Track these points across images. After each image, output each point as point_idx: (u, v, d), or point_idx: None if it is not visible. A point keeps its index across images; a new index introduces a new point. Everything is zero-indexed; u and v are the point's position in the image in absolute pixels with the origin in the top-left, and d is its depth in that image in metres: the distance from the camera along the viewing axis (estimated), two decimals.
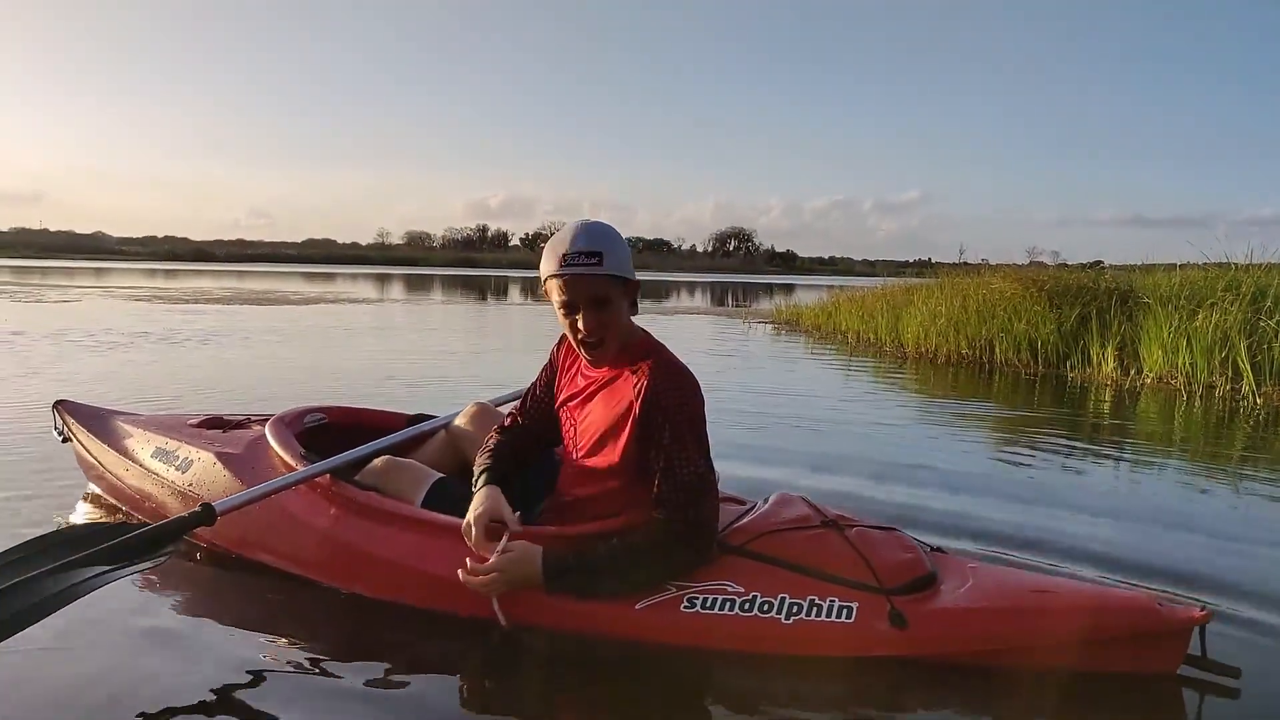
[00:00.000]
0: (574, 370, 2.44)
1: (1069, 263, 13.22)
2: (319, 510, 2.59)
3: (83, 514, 3.28)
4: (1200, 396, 7.62)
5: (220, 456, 2.92)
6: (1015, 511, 3.61)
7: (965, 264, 13.55)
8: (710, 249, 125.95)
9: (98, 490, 3.43)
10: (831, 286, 21.37)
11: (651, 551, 2.16)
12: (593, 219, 2.27)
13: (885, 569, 2.19)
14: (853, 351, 11.15)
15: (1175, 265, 10.47)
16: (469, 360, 9.26)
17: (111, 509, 3.28)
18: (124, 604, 2.44)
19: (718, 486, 2.27)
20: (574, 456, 2.37)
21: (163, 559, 2.26)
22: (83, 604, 2.08)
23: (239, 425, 3.24)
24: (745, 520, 2.34)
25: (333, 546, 2.52)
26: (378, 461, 2.68)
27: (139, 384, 6.65)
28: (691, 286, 45.03)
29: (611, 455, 2.25)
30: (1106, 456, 5.02)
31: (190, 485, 2.91)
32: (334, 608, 2.45)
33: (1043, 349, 9.49)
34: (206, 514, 2.34)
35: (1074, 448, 5.20)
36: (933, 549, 2.42)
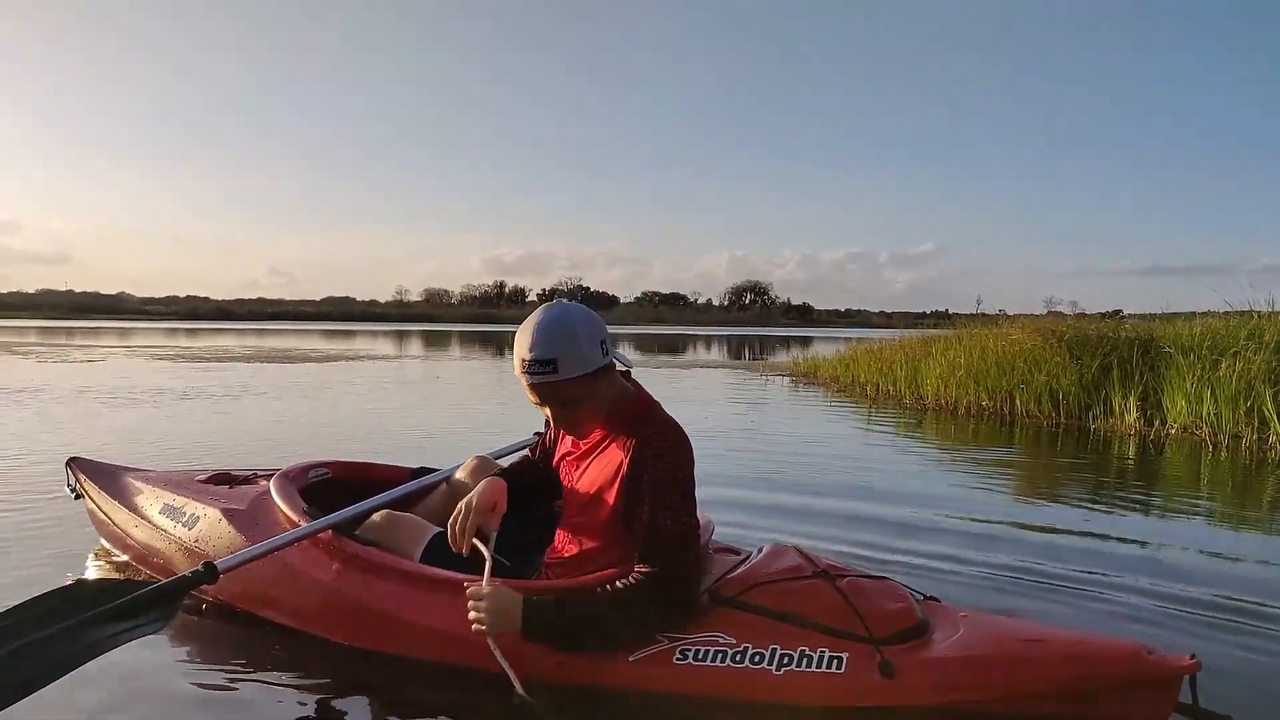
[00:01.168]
0: (577, 443, 2.44)
1: (1087, 312, 13.13)
2: (321, 565, 2.61)
3: (94, 570, 3.30)
4: (1226, 447, 7.51)
5: (226, 513, 2.95)
6: (1034, 563, 3.63)
7: (983, 315, 13.47)
8: (726, 302, 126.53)
9: (109, 546, 3.45)
10: (849, 339, 21.35)
11: (632, 605, 2.16)
12: (559, 304, 2.25)
13: (875, 619, 2.20)
14: (872, 404, 11.10)
15: (1195, 314, 10.39)
16: (482, 415, 9.26)
17: (121, 565, 3.31)
18: (125, 657, 2.42)
19: (699, 541, 2.28)
20: (570, 514, 2.40)
21: (167, 619, 2.25)
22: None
23: (246, 480, 3.28)
24: (738, 572, 2.35)
25: (334, 601, 2.54)
26: (377, 516, 2.71)
27: (156, 440, 6.71)
28: (708, 340, 45.09)
29: (603, 513, 2.27)
30: (1130, 507, 4.94)
31: (196, 542, 2.94)
32: (336, 661, 2.46)
33: (1064, 400, 9.39)
34: (209, 573, 2.37)
35: (1097, 499, 5.14)
36: (926, 598, 2.44)
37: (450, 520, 2.36)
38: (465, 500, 2.37)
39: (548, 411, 2.27)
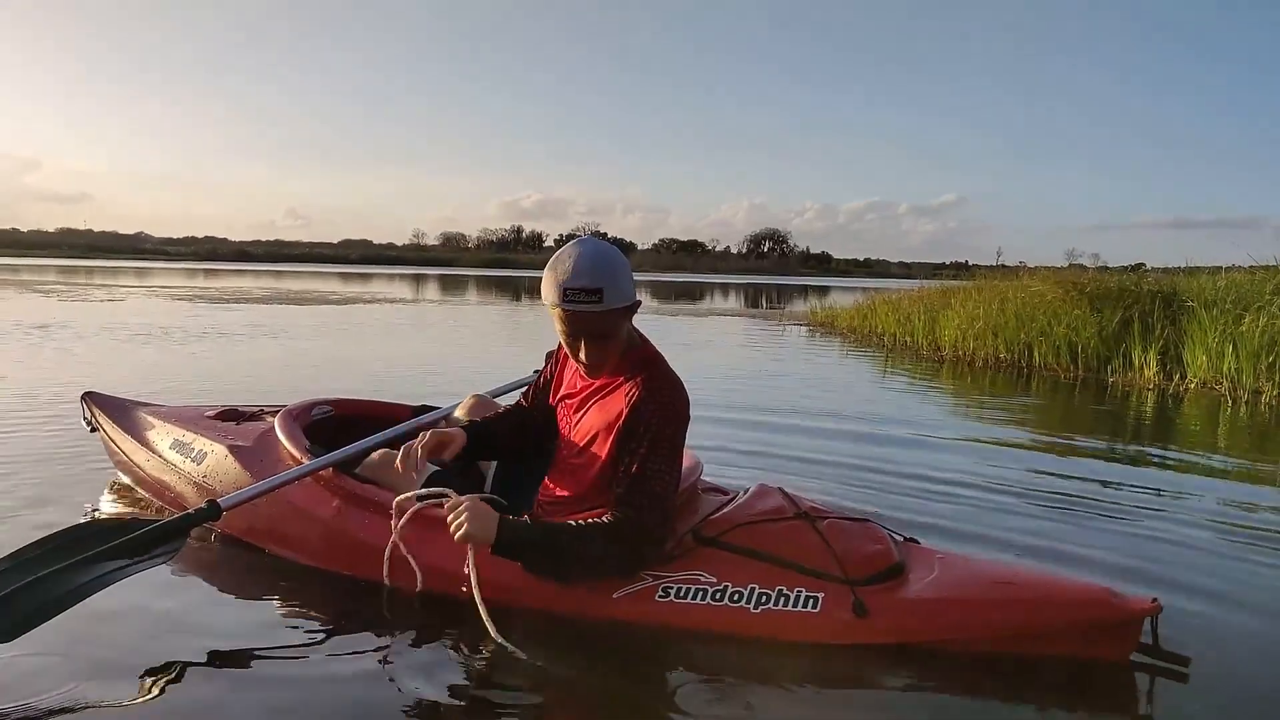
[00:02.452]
0: (574, 371, 2.48)
1: (1109, 265, 13.01)
2: (322, 502, 2.69)
3: (109, 502, 3.36)
4: (1246, 402, 7.45)
5: (232, 449, 3.03)
6: (1038, 513, 3.67)
7: (1003, 267, 13.39)
8: (744, 250, 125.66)
9: (123, 478, 3.52)
10: (867, 289, 21.24)
11: (595, 543, 2.22)
12: (594, 238, 2.30)
13: (852, 560, 2.26)
14: (889, 354, 11.06)
15: (1220, 268, 10.26)
16: (492, 356, 9.30)
17: (135, 498, 3.38)
18: (133, 590, 2.49)
19: (674, 499, 2.33)
20: (565, 454, 2.44)
21: (172, 554, 2.35)
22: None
23: (252, 417, 3.36)
24: (722, 512, 2.40)
25: (334, 536, 2.62)
26: (376, 455, 2.79)
27: (171, 376, 6.80)
28: (725, 288, 44.94)
29: (598, 457, 2.32)
30: (1141, 456, 4.95)
31: (204, 477, 3.02)
32: (335, 592, 2.55)
33: (1083, 353, 9.33)
34: (212, 510, 2.45)
35: (1110, 447, 5.16)
36: (905, 539, 2.49)
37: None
38: (435, 432, 2.50)
39: (580, 344, 2.28)
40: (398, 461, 2.45)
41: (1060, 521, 3.54)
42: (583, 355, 2.31)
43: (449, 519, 2.25)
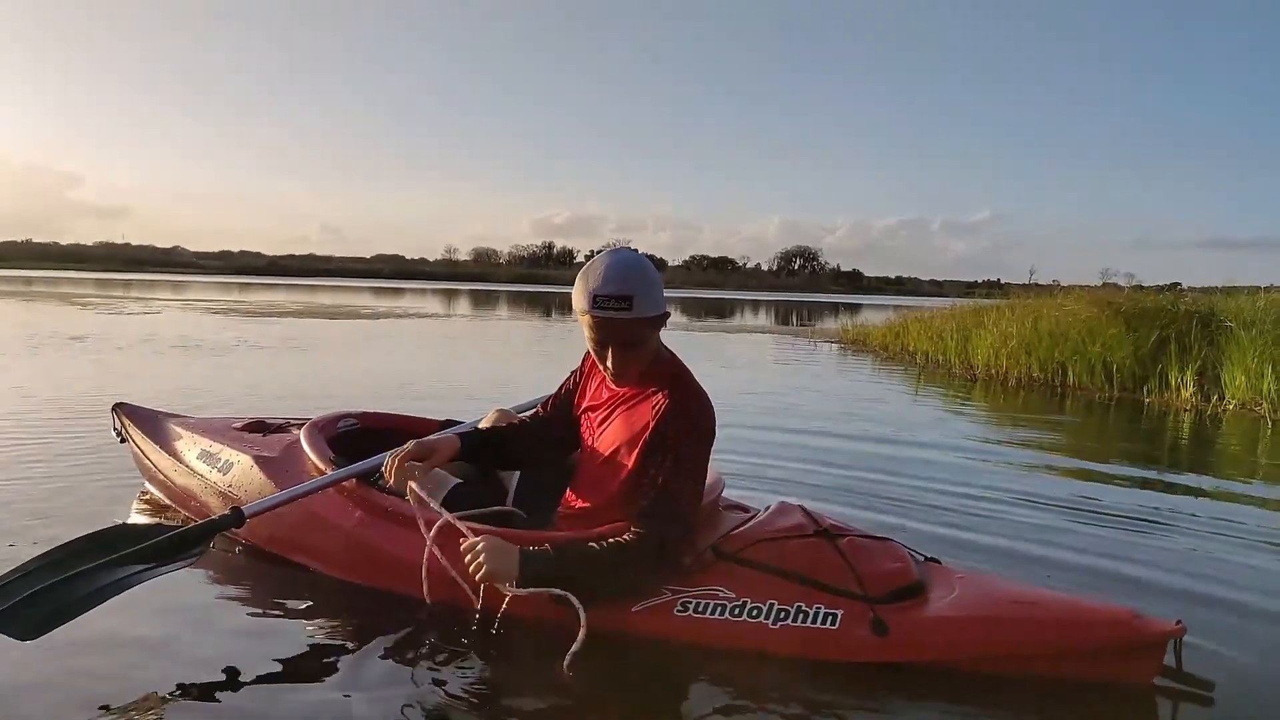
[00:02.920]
0: (599, 381, 2.50)
1: (1145, 285, 12.85)
2: (344, 513, 2.71)
3: (136, 512, 3.42)
4: None
5: (257, 460, 3.07)
6: (1068, 534, 3.63)
7: (1036, 285, 13.27)
8: (775, 267, 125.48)
9: (151, 489, 3.58)
10: (899, 306, 21.13)
11: (621, 565, 2.22)
12: (626, 249, 2.33)
13: (871, 578, 2.28)
14: (921, 373, 11.00)
15: (1259, 288, 10.11)
16: (521, 371, 9.36)
17: (162, 507, 3.44)
18: (160, 595, 2.53)
19: (695, 516, 2.33)
20: (587, 465, 2.46)
21: (194, 558, 2.40)
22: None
23: (279, 429, 3.39)
24: (742, 528, 2.42)
25: (356, 547, 2.64)
26: None
27: (200, 388, 6.89)
28: (755, 305, 44.85)
29: (621, 470, 2.34)
30: (1176, 480, 4.88)
31: (230, 486, 3.06)
32: (355, 603, 2.57)
33: (1118, 372, 9.22)
34: (235, 517, 2.50)
35: (1144, 470, 5.09)
36: (926, 559, 2.51)
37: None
38: (420, 441, 2.51)
39: (608, 352, 2.30)
40: (384, 468, 2.47)
41: (1090, 542, 3.51)
42: (610, 363, 2.32)
43: (466, 559, 2.26)
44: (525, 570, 2.21)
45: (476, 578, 2.23)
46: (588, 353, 2.57)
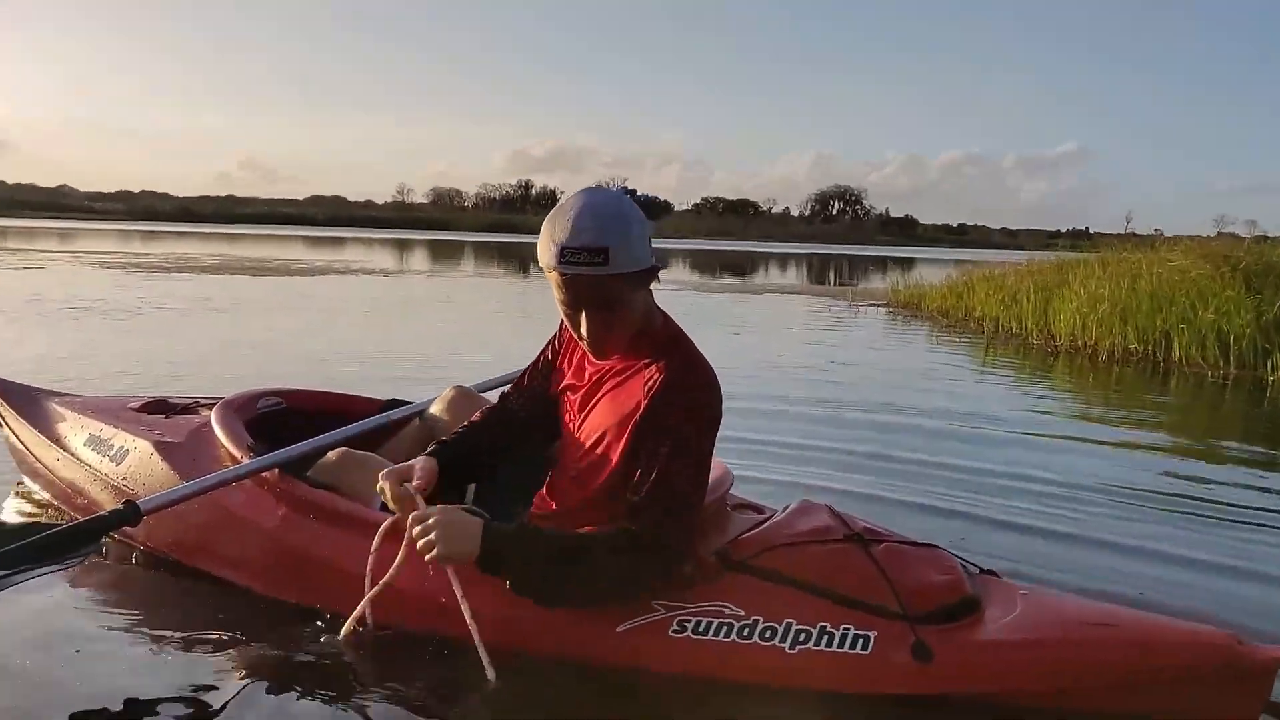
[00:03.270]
0: (581, 354, 2.48)
1: (1270, 235, 12.81)
2: (264, 510, 2.71)
3: (12, 511, 3.40)
4: None
5: (159, 446, 3.06)
6: (1160, 545, 3.64)
7: (1133, 235, 13.24)
8: (808, 212, 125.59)
9: (28, 482, 3.58)
10: (962, 261, 21.12)
11: (606, 561, 2.22)
12: (598, 190, 2.29)
13: (913, 592, 2.27)
14: (990, 343, 10.99)
15: None
16: (492, 341, 9.34)
17: (42, 505, 3.42)
18: (34, 612, 2.52)
19: (697, 514, 2.34)
20: (566, 457, 2.47)
21: (80, 559, 2.42)
22: None
23: (185, 409, 3.41)
24: (755, 531, 2.43)
25: (278, 552, 2.64)
26: (333, 454, 2.80)
27: (92, 360, 6.86)
28: (784, 259, 44.80)
29: (608, 460, 2.34)
30: None
31: (124, 479, 3.06)
32: (278, 621, 2.55)
33: (1235, 344, 9.19)
34: (130, 512, 2.49)
35: (1268, 469, 5.05)
36: (982, 571, 2.52)
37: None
38: (392, 469, 2.42)
39: (581, 316, 2.29)
40: (379, 485, 2.39)
41: (1193, 552, 3.52)
42: (584, 330, 2.31)
43: (415, 534, 2.24)
44: (488, 547, 2.21)
45: (425, 556, 2.21)
46: (563, 322, 2.55)
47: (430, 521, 2.22)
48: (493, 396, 2.98)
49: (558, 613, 2.28)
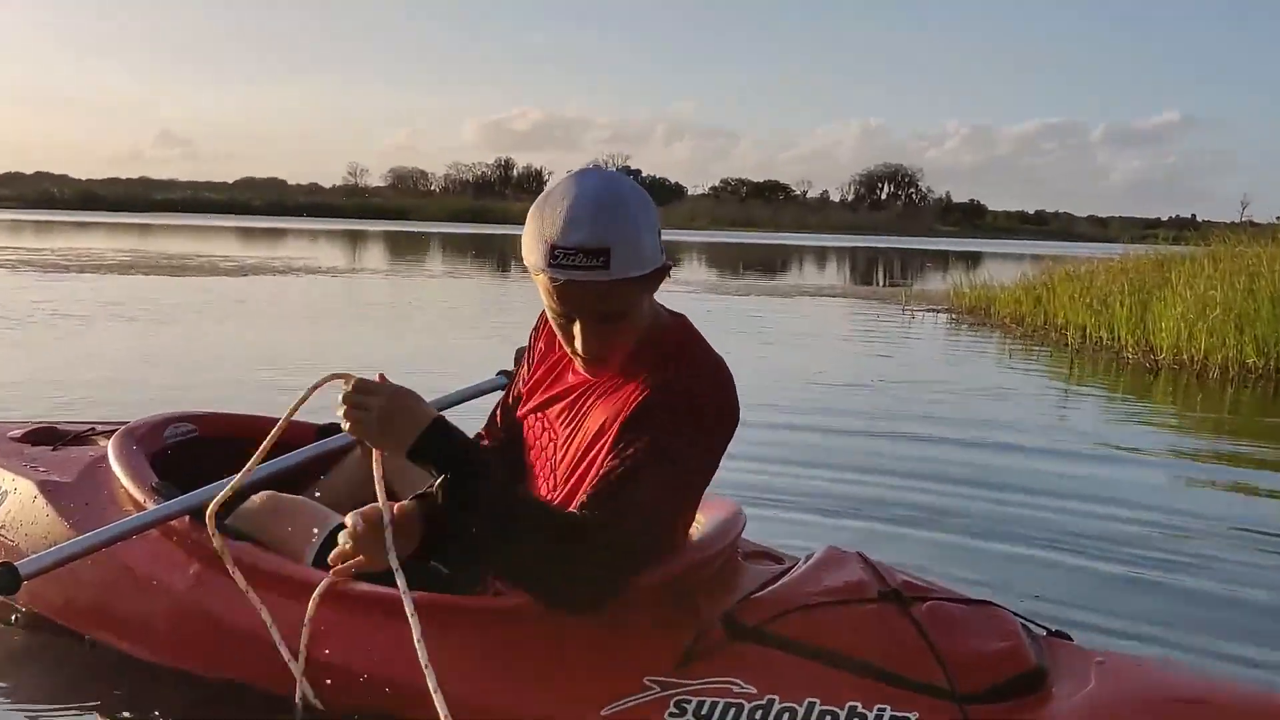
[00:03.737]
0: (560, 362, 2.48)
1: None
2: (173, 567, 2.70)
3: None
4: None
5: (43, 487, 3.06)
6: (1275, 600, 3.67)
7: (1250, 224, 13.23)
8: (851, 197, 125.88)
9: None
10: (1040, 256, 21.10)
11: (547, 534, 2.16)
12: (595, 172, 2.30)
13: (964, 663, 2.23)
14: (1075, 358, 11.01)
15: None
16: (462, 352, 9.27)
17: None
18: None
19: (661, 537, 2.32)
20: (545, 482, 2.46)
21: None
22: None
23: (78, 439, 3.43)
24: (770, 590, 2.40)
25: (192, 618, 2.64)
26: (257, 498, 2.77)
27: None
28: (821, 254, 44.90)
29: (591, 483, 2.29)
30: None
31: (2, 529, 3.07)
32: (192, 701, 2.55)
33: None
34: (7, 577, 2.46)
35: None
36: (1051, 633, 2.51)
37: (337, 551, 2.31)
38: (354, 522, 2.28)
39: (575, 328, 2.28)
40: (348, 522, 2.29)
41: None
42: (578, 344, 2.29)
43: (342, 410, 2.20)
44: (426, 440, 2.17)
45: (346, 427, 2.19)
46: (535, 328, 2.57)
47: (370, 394, 2.19)
48: (454, 415, 2.96)
49: (534, 692, 2.27)
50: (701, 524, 2.57)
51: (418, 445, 2.16)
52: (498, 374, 3.54)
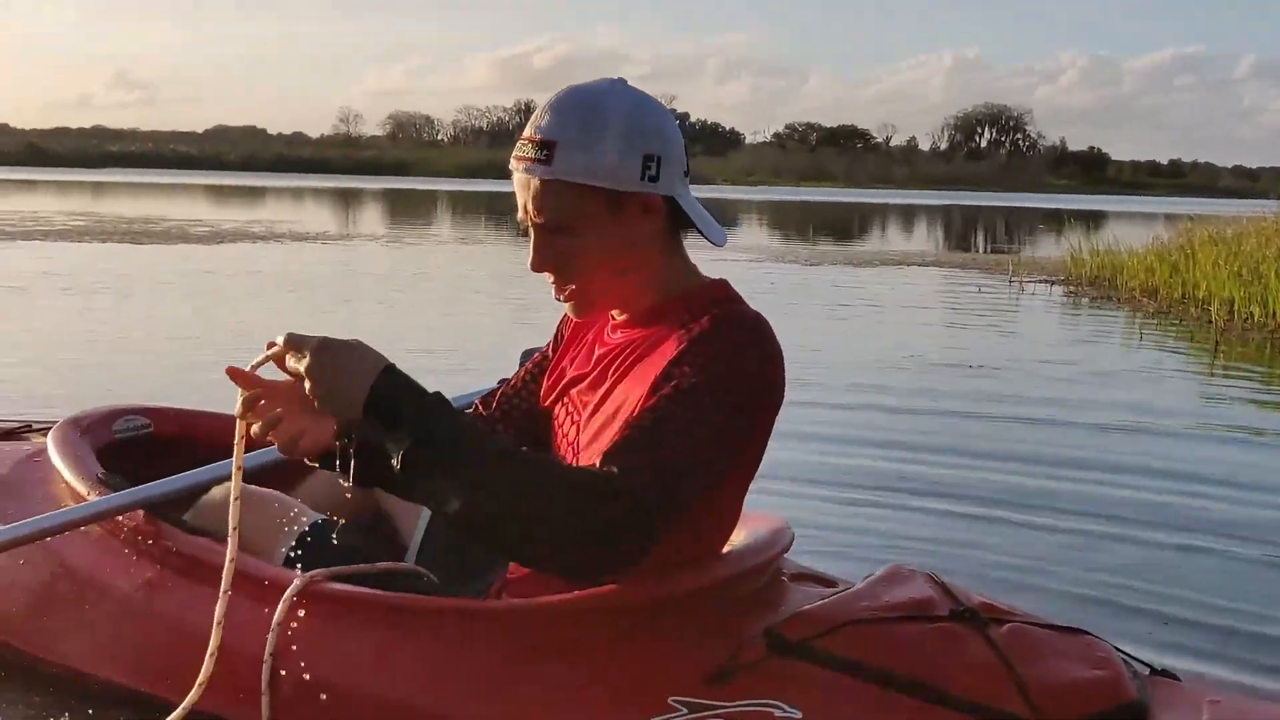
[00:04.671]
0: (590, 341, 2.55)
1: None
2: (123, 567, 2.76)
3: None
4: None
5: None
6: None
7: None
8: (944, 145, 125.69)
9: None
10: (1175, 215, 20.99)
11: (549, 490, 2.14)
12: (605, 81, 2.40)
13: (1048, 691, 2.24)
14: (1220, 338, 10.97)
15: None
16: (473, 339, 9.48)
17: None
18: None
19: (692, 497, 2.29)
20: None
21: None
22: None
23: (10, 435, 3.57)
24: (822, 604, 2.43)
25: (143, 626, 2.68)
26: (218, 490, 2.82)
27: None
28: (908, 213, 44.94)
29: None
30: None
31: None
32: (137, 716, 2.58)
33: None
34: None
35: None
36: (1155, 672, 2.52)
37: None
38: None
39: (531, 237, 2.37)
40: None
41: None
42: (530, 255, 2.38)
43: (291, 365, 2.19)
44: (383, 391, 2.15)
45: (309, 389, 2.17)
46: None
47: (321, 349, 2.17)
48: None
49: (541, 710, 2.30)
50: (741, 537, 2.59)
51: (377, 392, 2.13)
52: (499, 381, 3.65)
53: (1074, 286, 15.46)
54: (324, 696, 2.40)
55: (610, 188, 2.31)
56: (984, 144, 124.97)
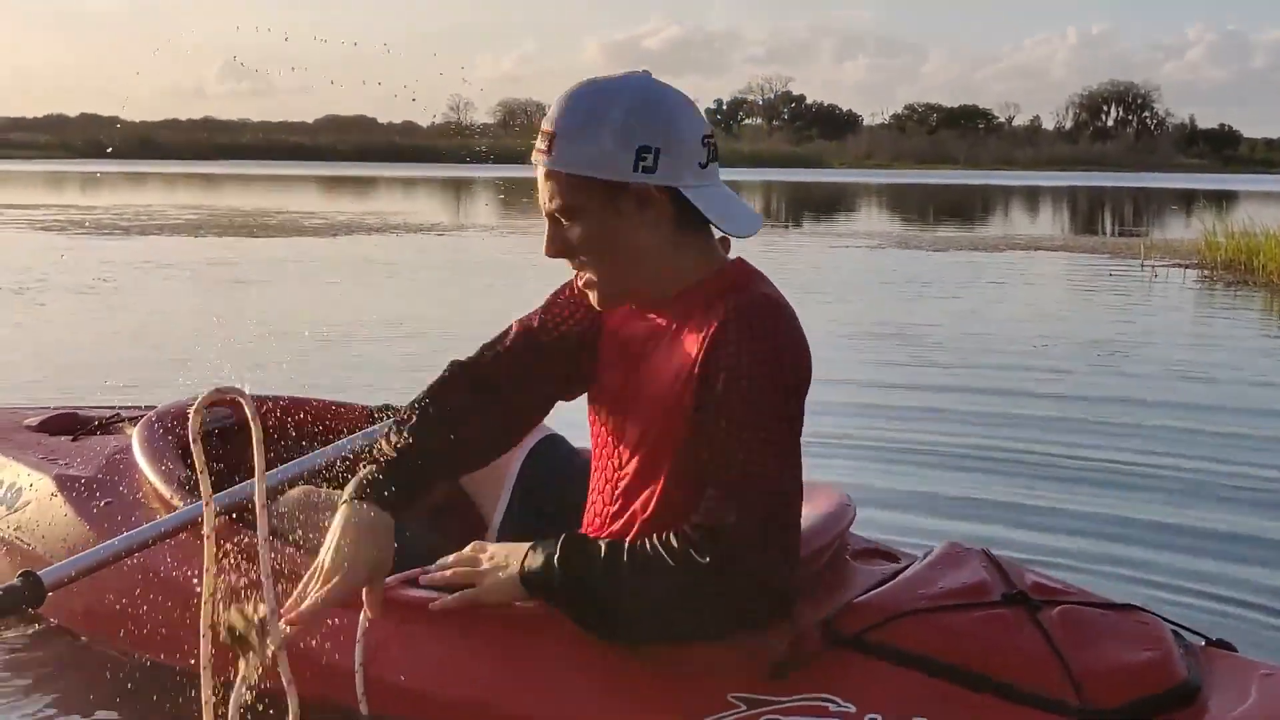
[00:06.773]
0: (616, 333, 2.62)
1: None
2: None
3: None
4: None
5: (62, 483, 3.20)
6: None
7: None
8: (1070, 124, 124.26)
9: None
10: None
11: (665, 581, 2.28)
12: (624, 74, 2.50)
13: (1095, 676, 2.29)
14: None
15: None
16: None
17: None
18: None
19: (797, 503, 2.42)
20: (606, 458, 2.62)
21: None
22: None
23: (101, 426, 3.60)
24: (876, 594, 2.50)
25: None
26: (294, 492, 2.93)
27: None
28: (1032, 194, 44.53)
29: (662, 456, 2.46)
30: None
31: (18, 529, 3.23)
32: None
33: None
34: (29, 588, 2.62)
35: None
36: (1210, 643, 2.59)
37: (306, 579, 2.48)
38: (326, 555, 2.46)
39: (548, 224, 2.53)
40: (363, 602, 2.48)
41: None
42: (545, 241, 2.51)
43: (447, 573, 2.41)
44: (533, 576, 2.37)
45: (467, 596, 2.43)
46: None
47: (487, 561, 2.45)
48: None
49: (602, 710, 2.40)
50: (805, 513, 2.60)
51: (527, 573, 2.40)
52: None
53: (1208, 270, 15.28)
54: (406, 693, 2.49)
55: (603, 178, 2.39)
56: (1110, 123, 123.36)
